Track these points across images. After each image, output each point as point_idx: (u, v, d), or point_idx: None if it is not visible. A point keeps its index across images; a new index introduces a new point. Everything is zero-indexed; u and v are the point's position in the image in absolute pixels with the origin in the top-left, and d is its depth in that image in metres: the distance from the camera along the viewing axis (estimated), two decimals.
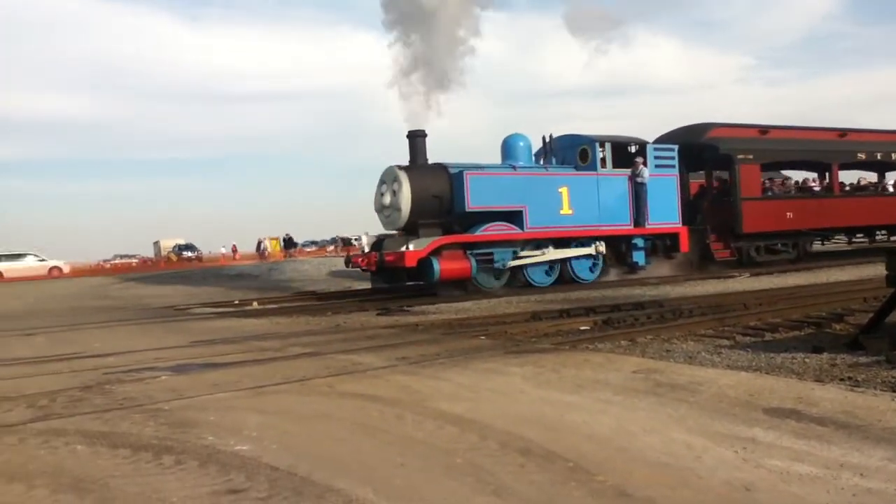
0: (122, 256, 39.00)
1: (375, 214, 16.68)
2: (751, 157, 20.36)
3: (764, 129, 21.56)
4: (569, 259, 17.17)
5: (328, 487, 3.47)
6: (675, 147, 18.99)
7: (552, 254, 16.84)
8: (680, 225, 18.70)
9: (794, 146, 21.96)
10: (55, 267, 38.34)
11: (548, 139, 18.35)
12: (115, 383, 6.45)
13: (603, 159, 17.67)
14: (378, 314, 12.56)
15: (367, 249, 16.68)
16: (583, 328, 9.76)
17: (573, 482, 3.44)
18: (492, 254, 15.99)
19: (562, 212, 17.04)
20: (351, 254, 18.11)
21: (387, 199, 15.85)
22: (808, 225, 21.44)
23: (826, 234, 23.22)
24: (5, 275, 35.51)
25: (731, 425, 4.28)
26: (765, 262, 20.62)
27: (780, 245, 21.28)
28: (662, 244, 18.71)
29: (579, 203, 17.16)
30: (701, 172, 22.34)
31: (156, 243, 71.32)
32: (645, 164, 17.90)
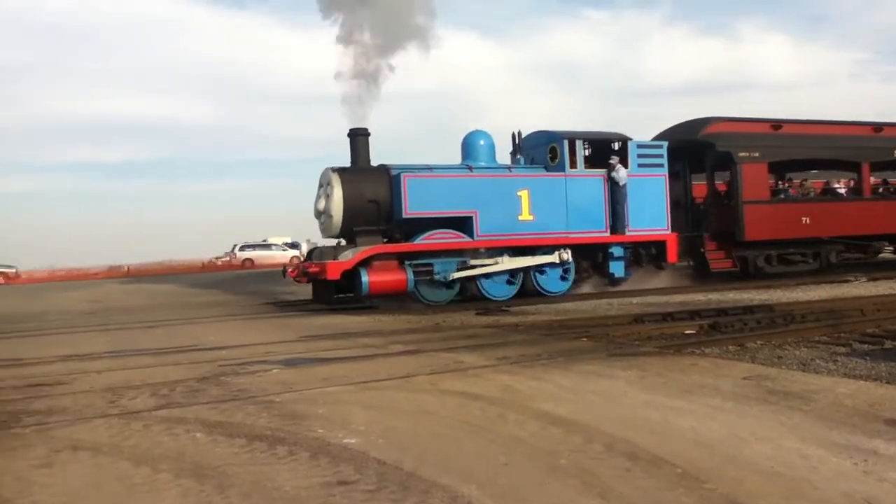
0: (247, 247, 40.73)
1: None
2: (756, 154, 17.87)
3: (777, 124, 18.93)
4: (531, 269, 15.11)
5: (434, 483, 3.54)
6: (664, 144, 16.63)
7: (506, 263, 14.79)
8: (668, 231, 16.29)
9: (814, 143, 19.13)
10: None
11: (517, 136, 16.62)
12: (229, 375, 6.76)
13: (574, 158, 15.51)
14: (477, 314, 12.61)
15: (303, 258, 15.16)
16: (688, 332, 9.51)
17: (681, 488, 3.38)
18: (432, 265, 14.24)
19: (521, 218, 15.00)
20: (286, 265, 16.12)
21: (321, 205, 14.41)
22: (831, 232, 18.65)
23: (857, 241, 19.60)
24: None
25: (850, 436, 4.10)
26: (777, 273, 18.05)
27: (798, 255, 18.55)
28: (647, 253, 16.34)
29: (543, 208, 15.11)
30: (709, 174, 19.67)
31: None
32: (625, 163, 15.70)
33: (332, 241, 14.92)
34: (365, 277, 13.55)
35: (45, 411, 5.49)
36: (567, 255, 15.21)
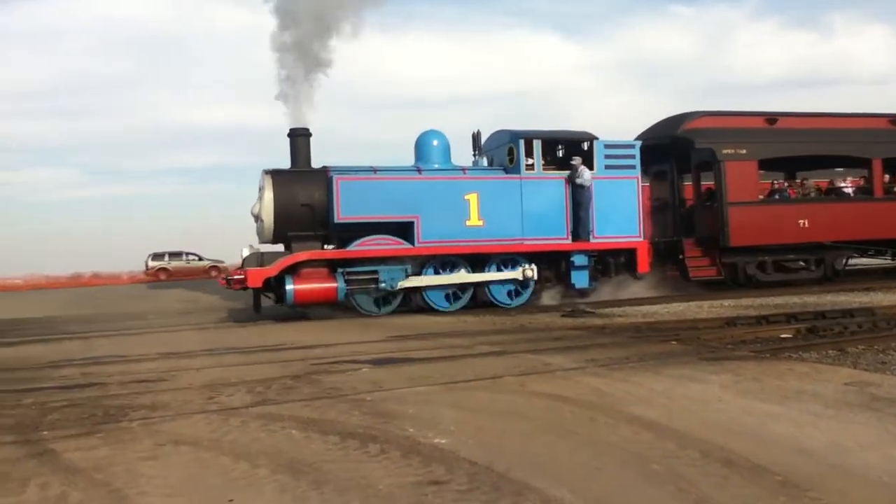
0: None
1: None
2: (743, 151, 16.29)
3: (773, 118, 17.28)
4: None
5: (525, 485, 3.53)
6: (636, 144, 15.32)
7: (459, 277, 13.87)
8: (639, 238, 15.01)
9: (814, 138, 17.23)
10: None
11: (477, 136, 15.70)
12: (321, 374, 6.92)
13: (530, 159, 14.44)
14: (562, 315, 12.50)
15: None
16: (784, 336, 9.18)
17: (783, 497, 3.28)
18: (375, 272, 13.39)
19: (468, 223, 13.95)
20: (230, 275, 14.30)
21: (255, 208, 13.70)
22: (835, 236, 16.90)
23: (866, 246, 17.64)
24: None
25: None
26: (773, 282, 16.51)
27: (798, 261, 17.02)
28: (616, 262, 15.08)
29: (494, 212, 14.04)
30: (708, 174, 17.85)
31: None
32: (590, 164, 14.54)
33: (278, 247, 14.09)
34: (290, 285, 12.92)
35: (149, 406, 5.75)
36: (532, 271, 14.14)
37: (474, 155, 15.56)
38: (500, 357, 7.63)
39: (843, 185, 18.79)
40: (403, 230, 13.74)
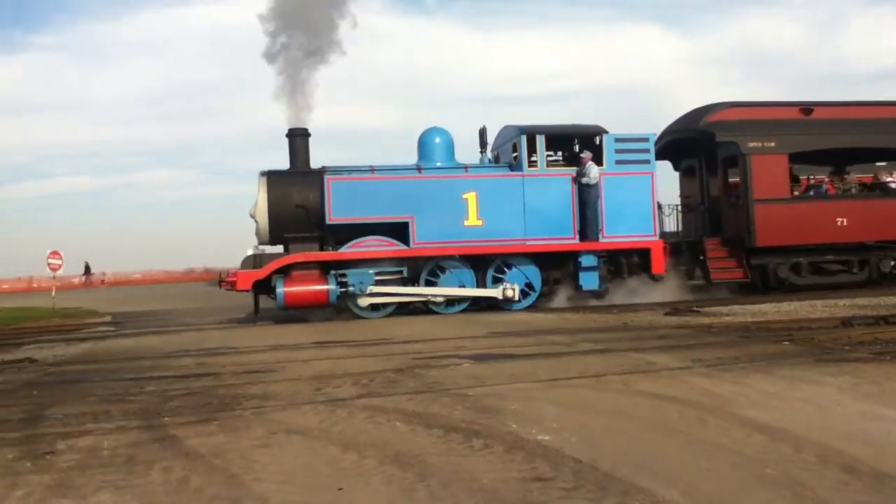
0: None
1: None
2: (771, 144, 15.09)
3: (808, 108, 15.91)
4: (483, 280, 13.68)
5: (632, 485, 3.48)
6: (650, 137, 14.43)
7: (438, 290, 13.36)
8: (654, 238, 14.16)
9: (856, 128, 15.66)
10: None
11: (483, 133, 15.01)
12: (423, 368, 7.02)
13: (533, 156, 13.84)
14: (666, 314, 12.21)
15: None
16: None
17: None
18: (372, 275, 13.19)
19: (467, 223, 13.46)
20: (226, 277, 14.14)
21: (252, 210, 13.49)
22: (878, 235, 15.50)
23: None
24: None
25: None
26: (809, 285, 15.22)
27: (838, 263, 15.72)
28: (629, 263, 14.22)
29: (494, 212, 13.52)
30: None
31: None
32: (600, 159, 13.84)
33: (277, 249, 13.81)
34: (280, 288, 12.76)
35: (261, 396, 5.98)
36: (513, 291, 13.41)
37: (481, 152, 14.97)
38: (602, 355, 7.54)
39: (889, 179, 17.24)
40: (401, 231, 13.40)
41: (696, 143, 16.01)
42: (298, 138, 13.75)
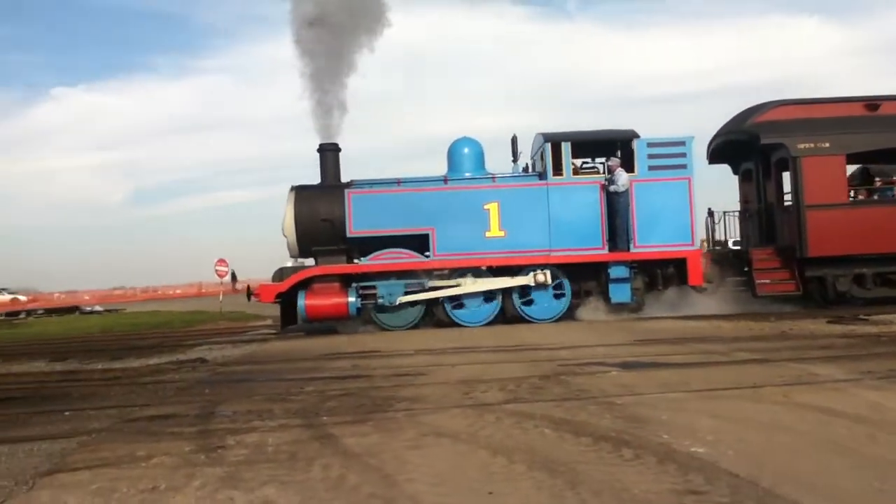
0: None
1: None
2: (825, 145, 13.76)
3: (874, 103, 14.31)
4: (511, 292, 13.44)
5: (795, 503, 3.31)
6: (686, 140, 13.55)
7: (467, 286, 13.26)
8: (691, 247, 13.38)
9: None
10: None
11: (514, 141, 14.58)
12: (569, 375, 6.97)
13: (558, 164, 13.44)
14: (828, 322, 11.47)
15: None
16: None
17: None
18: (402, 286, 13.29)
19: (489, 234, 13.29)
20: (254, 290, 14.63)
21: (282, 223, 13.73)
22: None
23: None
24: None
25: None
26: (877, 298, 13.72)
27: None
28: (664, 273, 13.58)
29: (516, 222, 13.31)
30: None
31: None
32: (631, 166, 13.33)
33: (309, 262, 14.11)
34: (302, 301, 13.01)
35: (411, 398, 6.16)
36: (545, 276, 13.16)
37: (513, 161, 14.64)
38: (760, 365, 7.19)
39: None
40: (424, 242, 13.40)
41: (750, 146, 14.95)
42: (329, 153, 14.04)
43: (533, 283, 13.28)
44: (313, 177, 14.14)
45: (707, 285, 13.91)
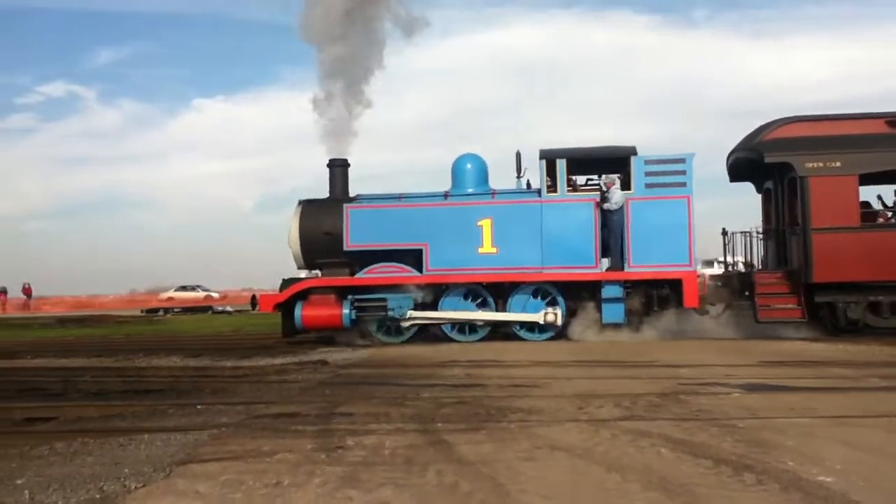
0: None
1: None
2: (836, 164, 12.75)
3: (895, 120, 12.93)
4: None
5: None
6: (686, 157, 12.95)
7: (467, 314, 13.34)
8: (689, 267, 12.72)
9: None
10: None
11: (518, 157, 13.94)
12: (689, 394, 6.79)
13: (552, 180, 13.19)
14: None
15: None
16: None
17: None
18: (384, 300, 13.26)
19: (481, 250, 13.20)
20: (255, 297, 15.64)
21: (288, 236, 14.01)
22: None
23: None
24: None
25: None
26: (892, 328, 12.53)
27: None
28: (658, 294, 12.95)
29: (509, 239, 13.15)
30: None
31: None
32: (628, 183, 12.96)
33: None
34: (299, 311, 13.37)
35: (525, 410, 6.18)
36: (556, 316, 12.94)
37: (517, 177, 14.14)
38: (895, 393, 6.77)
39: None
40: (418, 258, 13.49)
41: (767, 166, 13.85)
42: (337, 168, 14.42)
43: (542, 322, 13.10)
44: (441, 182, 14.43)
45: (709, 308, 13.58)
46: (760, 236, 15.14)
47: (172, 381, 9.26)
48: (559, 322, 13.06)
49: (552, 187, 13.32)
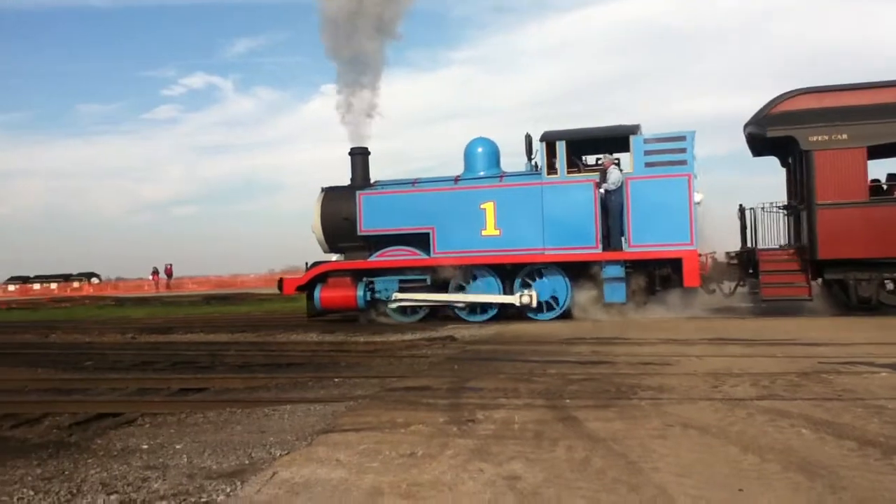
0: None
1: None
2: (843, 136, 12.05)
3: None
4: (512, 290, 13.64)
5: None
6: (687, 135, 12.67)
7: (457, 296, 13.90)
8: (690, 246, 12.46)
9: None
10: None
11: (528, 140, 13.95)
12: (831, 373, 6.49)
13: (552, 162, 13.27)
14: None
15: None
16: None
17: None
18: (396, 282, 14.17)
19: (484, 233, 13.53)
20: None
21: (312, 222, 14.78)
22: None
23: None
24: None
25: None
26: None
27: None
28: (660, 275, 12.94)
29: (511, 221, 13.42)
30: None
31: None
32: (620, 163, 13.03)
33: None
34: (318, 293, 14.30)
35: (656, 388, 6.09)
36: (529, 298, 13.30)
37: (528, 160, 14.14)
38: None
39: None
40: (427, 241, 13.92)
41: (785, 141, 12.82)
42: (358, 156, 15.03)
43: (518, 304, 13.44)
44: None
45: (714, 286, 13.33)
46: (783, 213, 14.25)
47: (310, 355, 9.74)
48: (534, 304, 13.40)
49: (553, 169, 13.42)
